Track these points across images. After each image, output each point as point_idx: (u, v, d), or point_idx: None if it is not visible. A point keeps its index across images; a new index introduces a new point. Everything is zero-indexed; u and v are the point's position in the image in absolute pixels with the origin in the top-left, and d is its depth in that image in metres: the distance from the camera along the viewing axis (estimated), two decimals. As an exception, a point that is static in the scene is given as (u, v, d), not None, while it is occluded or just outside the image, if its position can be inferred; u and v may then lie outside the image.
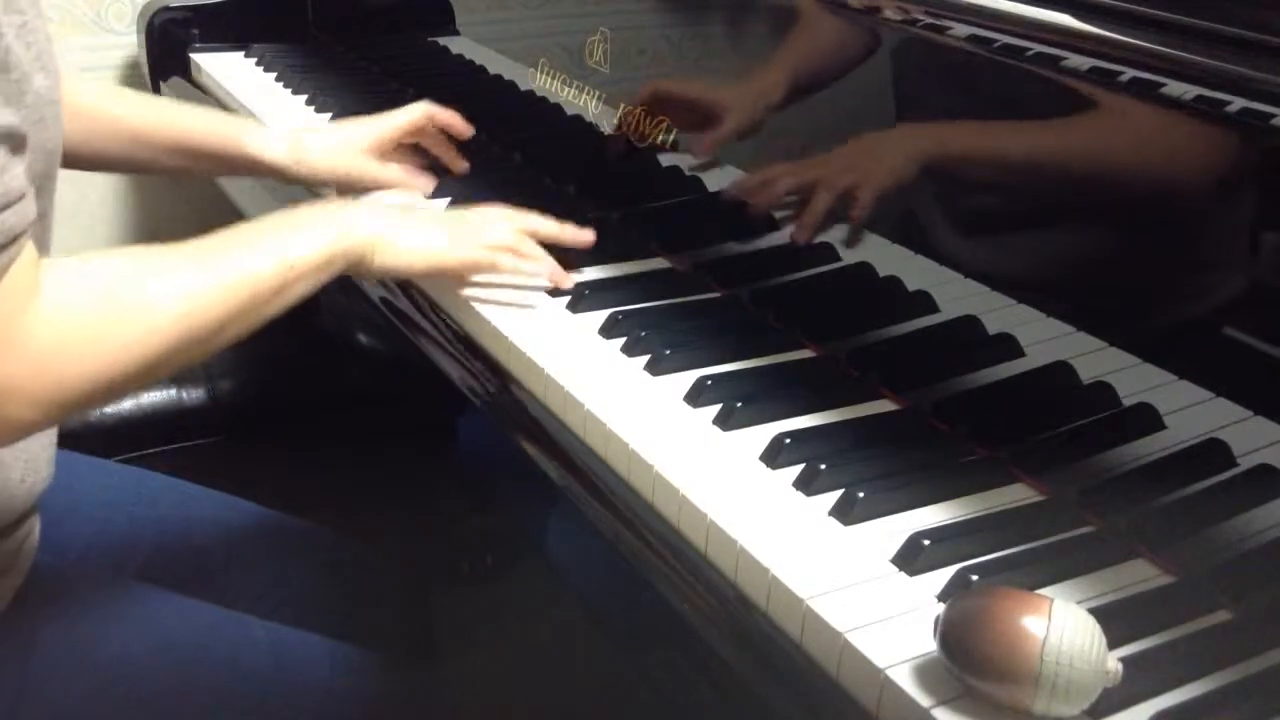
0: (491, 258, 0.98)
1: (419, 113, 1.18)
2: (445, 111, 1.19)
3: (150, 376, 0.78)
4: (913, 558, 0.70)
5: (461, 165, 1.21)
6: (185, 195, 1.90)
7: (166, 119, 1.13)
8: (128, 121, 1.11)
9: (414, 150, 1.21)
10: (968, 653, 0.60)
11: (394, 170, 1.15)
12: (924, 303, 0.91)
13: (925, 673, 0.62)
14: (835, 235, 0.97)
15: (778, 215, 1.02)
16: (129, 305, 0.75)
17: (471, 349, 0.99)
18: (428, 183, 1.17)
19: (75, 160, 1.09)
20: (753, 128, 1.04)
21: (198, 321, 0.78)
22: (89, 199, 1.89)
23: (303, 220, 0.90)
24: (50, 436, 0.92)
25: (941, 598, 0.67)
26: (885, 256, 0.94)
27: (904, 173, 0.92)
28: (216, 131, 1.14)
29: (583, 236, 1.02)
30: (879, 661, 0.63)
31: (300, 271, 0.85)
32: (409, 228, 0.95)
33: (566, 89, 1.22)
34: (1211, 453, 0.73)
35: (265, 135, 1.15)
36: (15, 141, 0.71)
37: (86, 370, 0.73)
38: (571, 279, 1.00)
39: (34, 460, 0.88)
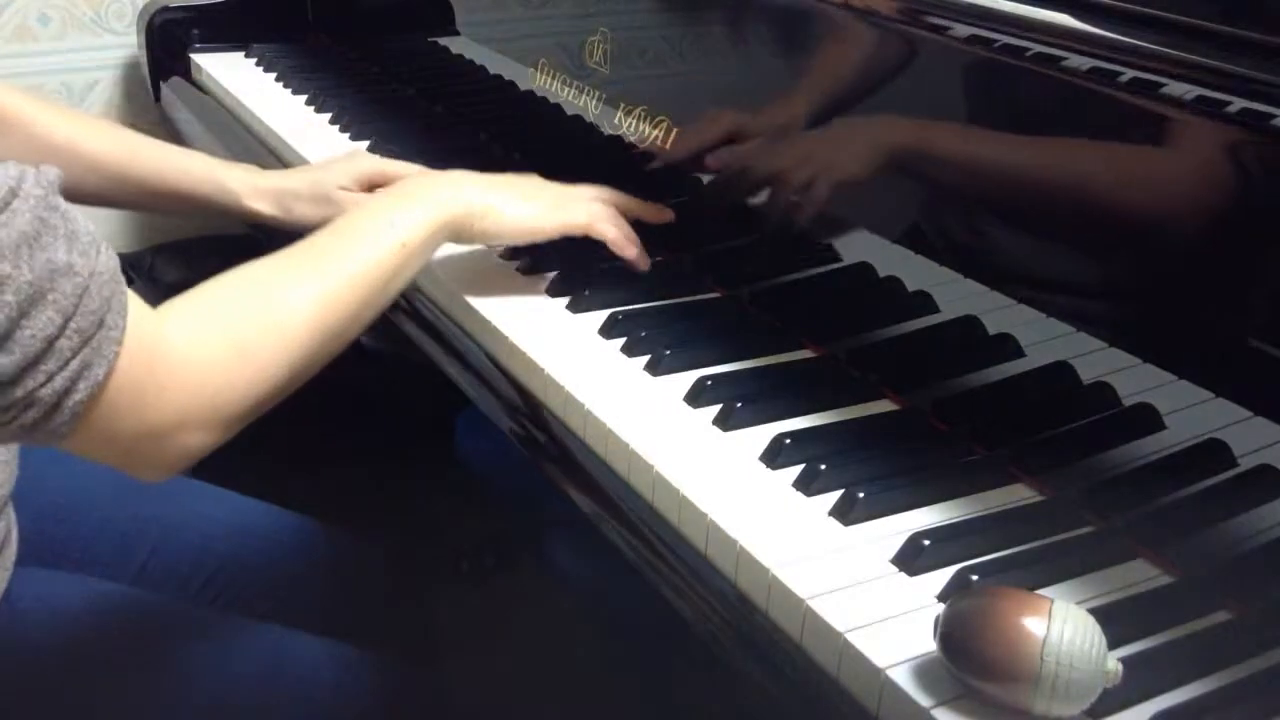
0: (588, 221, 0.99)
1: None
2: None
3: (302, 378, 0.81)
4: (913, 558, 0.70)
5: None
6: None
7: (142, 160, 1.10)
8: (102, 160, 1.08)
9: None
10: (968, 653, 0.60)
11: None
12: (924, 303, 0.91)
13: (925, 673, 0.62)
14: (836, 235, 0.97)
15: (777, 217, 1.02)
16: (261, 327, 0.78)
17: (471, 349, 0.99)
18: None
19: None
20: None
21: (331, 321, 0.81)
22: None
23: (408, 197, 0.93)
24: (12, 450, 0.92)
25: (941, 598, 0.67)
26: (885, 256, 0.94)
27: (886, 166, 0.92)
28: (192, 174, 1.11)
29: (664, 214, 1.05)
30: (879, 661, 0.63)
31: (413, 249, 0.88)
32: (510, 195, 0.97)
33: (566, 89, 1.22)
34: (1211, 453, 0.73)
35: (248, 185, 1.12)
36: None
37: (239, 392, 0.76)
38: (649, 261, 1.01)
39: None
